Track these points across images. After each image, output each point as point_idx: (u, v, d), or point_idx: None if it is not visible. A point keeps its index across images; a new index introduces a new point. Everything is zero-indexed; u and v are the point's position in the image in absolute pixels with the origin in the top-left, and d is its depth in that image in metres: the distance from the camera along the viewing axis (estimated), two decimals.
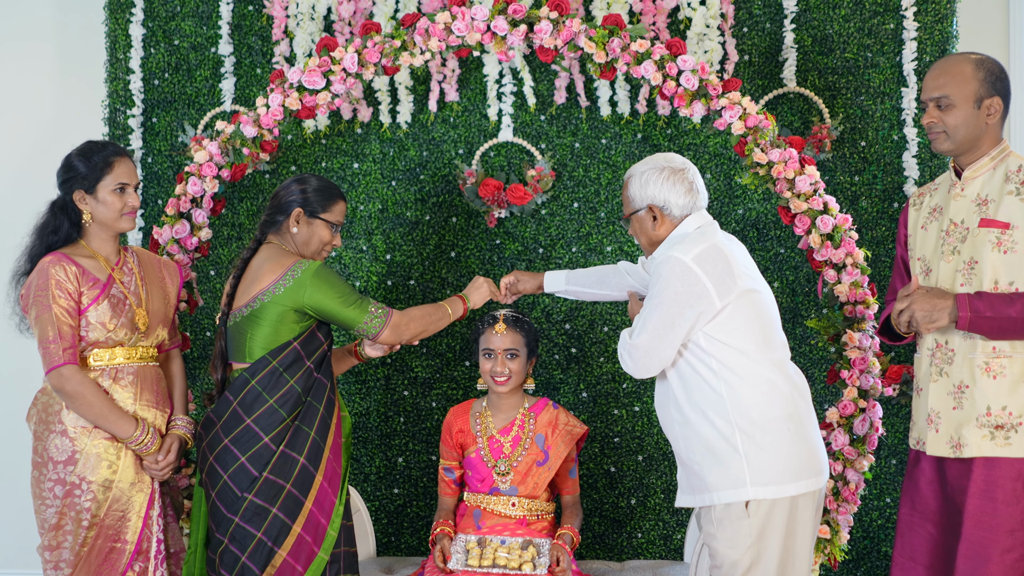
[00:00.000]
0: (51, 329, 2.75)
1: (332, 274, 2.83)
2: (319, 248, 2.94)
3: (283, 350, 2.80)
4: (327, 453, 2.82)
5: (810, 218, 3.25)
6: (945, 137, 2.70)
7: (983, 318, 2.57)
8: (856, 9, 3.71)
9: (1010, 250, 2.60)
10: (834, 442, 3.22)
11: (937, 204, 2.80)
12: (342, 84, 3.38)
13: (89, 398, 2.76)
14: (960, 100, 2.67)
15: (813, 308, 3.61)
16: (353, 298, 2.83)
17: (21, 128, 4.15)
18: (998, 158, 2.70)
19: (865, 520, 3.66)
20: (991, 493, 2.57)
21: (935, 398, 2.69)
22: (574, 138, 3.79)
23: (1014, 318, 2.54)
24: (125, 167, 2.88)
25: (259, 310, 2.81)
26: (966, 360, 2.63)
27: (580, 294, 3.19)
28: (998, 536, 2.55)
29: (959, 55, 2.74)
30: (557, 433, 3.23)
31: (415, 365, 3.81)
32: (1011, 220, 2.61)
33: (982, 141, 2.70)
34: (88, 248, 2.89)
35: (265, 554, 2.70)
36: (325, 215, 2.92)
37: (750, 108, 3.27)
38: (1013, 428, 2.57)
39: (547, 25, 3.30)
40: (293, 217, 2.91)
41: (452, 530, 3.19)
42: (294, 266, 2.81)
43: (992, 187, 2.67)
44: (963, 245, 2.68)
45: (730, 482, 2.55)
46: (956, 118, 2.68)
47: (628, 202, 2.79)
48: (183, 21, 3.86)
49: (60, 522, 2.77)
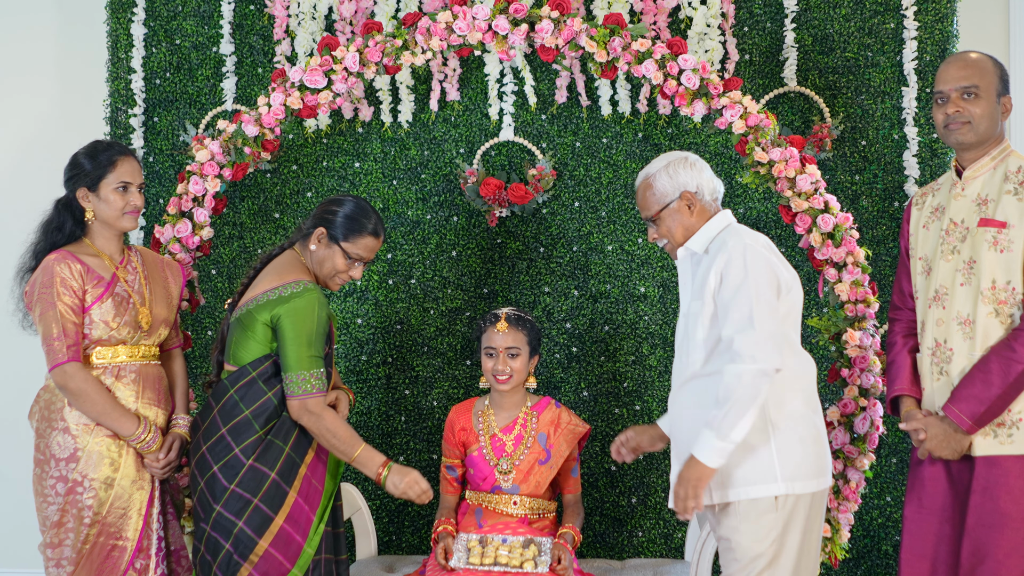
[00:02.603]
0: (55, 326, 2.76)
1: (319, 319, 2.75)
2: (331, 274, 2.89)
3: (264, 361, 2.78)
4: (304, 470, 2.78)
5: (811, 217, 3.26)
6: (970, 127, 2.70)
7: (990, 414, 2.57)
8: (856, 8, 3.72)
9: (1006, 249, 2.61)
10: (835, 440, 3.22)
11: (939, 204, 2.80)
12: (343, 83, 3.39)
13: (92, 395, 2.77)
14: (986, 91, 2.69)
15: (814, 307, 3.62)
16: (311, 352, 2.73)
17: (23, 127, 4.15)
18: (998, 158, 2.71)
19: (866, 519, 3.66)
20: (992, 491, 2.57)
21: (938, 397, 2.69)
22: (575, 137, 3.79)
23: (1003, 394, 2.55)
24: (129, 166, 2.90)
25: (246, 315, 2.80)
26: (965, 359, 2.64)
27: None
28: (1003, 534, 2.54)
29: (974, 52, 2.77)
30: (560, 432, 3.23)
31: (416, 364, 3.82)
32: (1008, 219, 2.62)
33: (991, 138, 2.72)
34: (92, 247, 2.90)
35: (232, 566, 2.70)
36: (346, 244, 2.87)
37: (751, 107, 3.28)
38: (1015, 425, 2.58)
39: (548, 24, 3.31)
40: (316, 234, 2.87)
41: (454, 528, 3.19)
42: (294, 283, 2.78)
43: (992, 187, 2.68)
44: (963, 245, 2.69)
45: (759, 476, 2.56)
46: (982, 108, 2.69)
47: (656, 200, 2.76)
48: (184, 21, 3.86)
49: (62, 519, 2.78)
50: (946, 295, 2.70)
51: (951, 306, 2.68)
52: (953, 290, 2.67)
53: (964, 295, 2.66)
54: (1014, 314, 2.61)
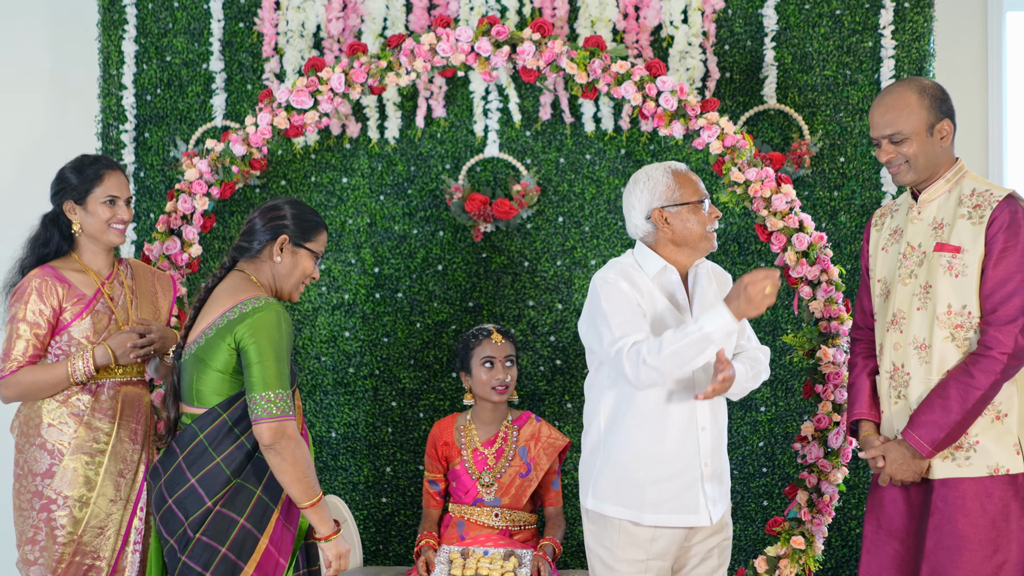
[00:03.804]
0: (19, 342, 2.80)
1: (286, 333, 2.53)
2: (300, 280, 2.71)
3: (235, 401, 2.55)
4: (277, 514, 2.56)
5: (786, 236, 3.33)
6: (908, 168, 2.69)
7: (949, 439, 2.59)
8: (835, 28, 3.78)
9: (961, 274, 2.61)
10: (809, 454, 3.29)
11: (897, 226, 2.80)
12: (329, 104, 3.46)
13: (26, 383, 2.80)
14: (913, 131, 2.66)
15: (792, 322, 3.68)
16: (278, 370, 2.49)
17: (15, 142, 4.20)
18: (953, 180, 2.71)
19: (844, 529, 3.73)
20: (951, 514, 2.58)
21: (896, 421, 2.71)
22: (559, 153, 3.86)
23: (963, 417, 2.56)
24: (116, 180, 2.93)
25: (203, 347, 2.56)
26: (922, 383, 2.65)
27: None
28: (962, 556, 2.55)
29: (900, 85, 2.72)
30: (539, 445, 3.30)
31: (403, 376, 3.89)
32: (962, 244, 2.61)
33: (940, 165, 2.71)
34: (79, 261, 2.93)
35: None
36: (310, 244, 2.70)
37: (728, 128, 3.35)
38: (972, 448, 2.59)
39: (530, 46, 3.37)
40: (278, 244, 2.66)
41: (436, 542, 3.27)
42: (253, 298, 2.55)
43: (947, 210, 2.68)
44: (920, 269, 2.69)
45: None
46: (914, 148, 2.67)
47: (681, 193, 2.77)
48: (175, 38, 3.92)
49: (35, 536, 2.78)
50: (903, 319, 2.70)
51: (908, 330, 2.68)
52: (910, 314, 2.68)
53: (921, 319, 2.66)
54: (971, 338, 2.61)
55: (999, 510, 2.57)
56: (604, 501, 2.72)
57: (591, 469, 2.77)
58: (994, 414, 2.60)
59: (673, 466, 2.69)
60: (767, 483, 3.74)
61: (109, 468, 2.85)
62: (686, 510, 2.69)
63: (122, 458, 2.88)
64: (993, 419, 2.60)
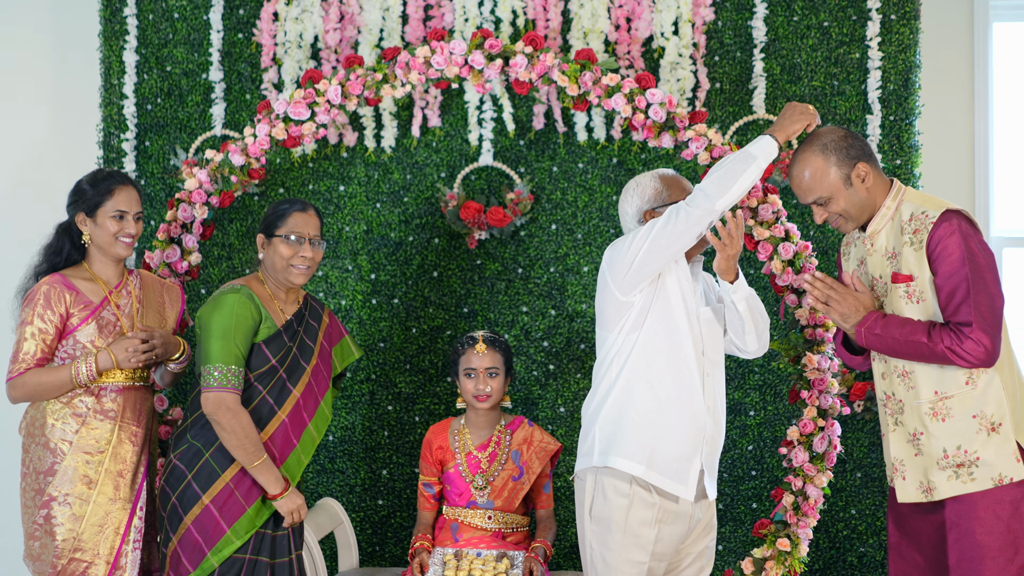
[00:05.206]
0: (27, 344, 2.91)
1: (237, 315, 2.91)
2: (284, 265, 3.04)
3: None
4: (225, 483, 2.91)
5: (772, 245, 3.40)
6: (845, 220, 2.80)
7: (873, 334, 2.70)
8: (823, 39, 3.85)
9: (920, 299, 2.69)
10: (795, 459, 3.36)
11: (861, 257, 2.88)
12: (326, 115, 3.53)
13: (32, 385, 2.92)
14: (832, 191, 2.76)
15: (779, 329, 3.75)
16: (221, 346, 2.88)
17: (17, 150, 4.27)
18: (892, 207, 2.77)
19: (831, 530, 3.80)
20: (966, 526, 2.64)
21: (896, 447, 2.77)
22: (552, 162, 3.93)
23: (898, 339, 2.66)
24: (126, 195, 3.03)
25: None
26: (913, 409, 2.72)
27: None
28: (985, 564, 2.61)
29: (803, 151, 2.79)
30: (532, 450, 3.37)
31: (399, 381, 3.96)
32: (912, 272, 2.69)
33: (875, 201, 2.78)
34: (89, 270, 3.04)
35: (176, 521, 2.91)
36: (279, 231, 3.04)
37: (716, 139, 3.42)
38: (973, 464, 2.64)
39: (522, 59, 3.44)
40: (258, 243, 3.10)
41: (430, 544, 3.33)
42: (229, 286, 2.99)
43: (893, 238, 2.75)
44: (886, 299, 2.79)
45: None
46: (841, 204, 2.76)
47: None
48: (175, 48, 3.99)
49: (35, 532, 2.90)
50: None
51: (891, 360, 2.77)
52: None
53: None
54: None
55: (1011, 513, 2.63)
56: (614, 455, 2.80)
57: (600, 426, 2.85)
58: (988, 427, 2.65)
59: (675, 432, 2.80)
60: (756, 486, 3.81)
61: (109, 468, 2.95)
62: (679, 479, 2.80)
63: (122, 459, 2.98)
64: (988, 432, 2.65)
